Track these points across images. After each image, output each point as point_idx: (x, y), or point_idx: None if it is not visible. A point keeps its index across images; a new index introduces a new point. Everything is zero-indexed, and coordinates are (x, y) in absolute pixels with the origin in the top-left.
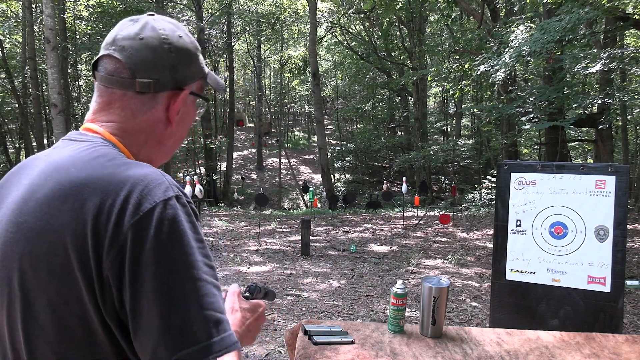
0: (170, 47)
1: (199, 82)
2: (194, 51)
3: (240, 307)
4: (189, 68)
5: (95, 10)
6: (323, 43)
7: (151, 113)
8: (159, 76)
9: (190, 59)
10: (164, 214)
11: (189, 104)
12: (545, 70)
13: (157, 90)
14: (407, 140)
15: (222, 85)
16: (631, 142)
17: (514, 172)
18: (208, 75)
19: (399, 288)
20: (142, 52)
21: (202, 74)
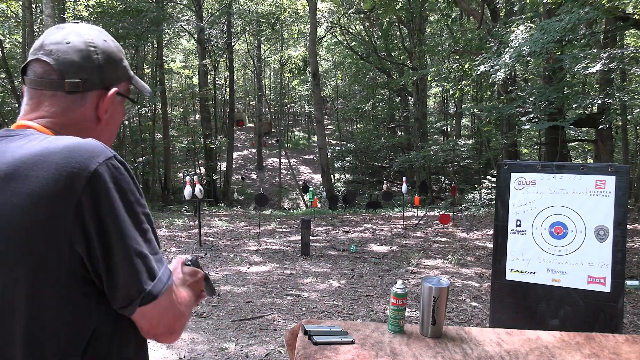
0: (96, 49)
1: (126, 84)
2: (118, 54)
3: (181, 270)
4: (115, 69)
5: (95, 10)
6: (323, 43)
7: (81, 111)
8: (87, 76)
9: (116, 61)
10: (110, 171)
11: (116, 104)
12: (545, 70)
13: (85, 90)
14: (407, 140)
15: (147, 89)
16: (631, 142)
17: (514, 172)
18: (133, 79)
19: (399, 288)
20: (69, 54)
21: (127, 76)
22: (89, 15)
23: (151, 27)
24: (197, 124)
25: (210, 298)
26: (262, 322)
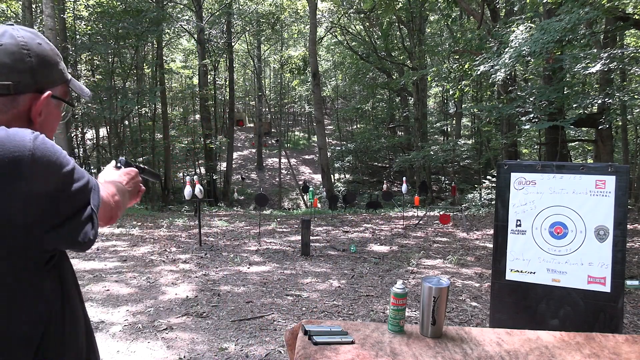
0: (29, 52)
1: (62, 87)
2: (54, 57)
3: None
4: (50, 73)
5: (95, 10)
6: (323, 43)
7: (12, 113)
8: (19, 79)
9: (50, 64)
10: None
11: (52, 107)
12: (545, 70)
13: (17, 92)
14: (407, 140)
15: (85, 92)
16: (631, 142)
17: (514, 172)
18: (71, 82)
19: (399, 288)
20: (0, 57)
21: (63, 79)
22: (89, 15)
23: (151, 27)
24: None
25: (210, 298)
26: (262, 322)
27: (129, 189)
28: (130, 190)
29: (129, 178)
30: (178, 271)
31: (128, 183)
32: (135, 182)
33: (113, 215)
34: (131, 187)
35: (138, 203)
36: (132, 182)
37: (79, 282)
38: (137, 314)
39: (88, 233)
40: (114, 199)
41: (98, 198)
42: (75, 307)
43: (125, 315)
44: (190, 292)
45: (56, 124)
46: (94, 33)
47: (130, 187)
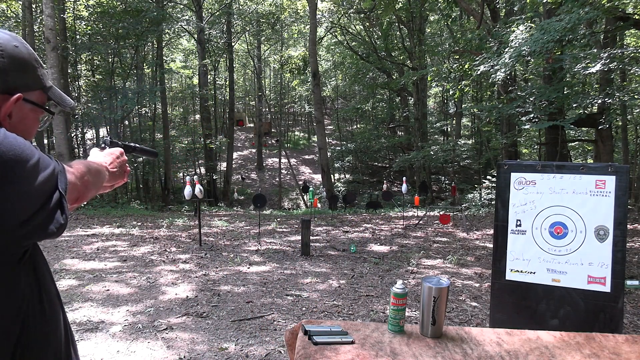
0: (2, 52)
1: (39, 94)
2: (30, 61)
3: (98, 155)
4: (23, 76)
5: (95, 10)
6: (323, 43)
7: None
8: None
9: (25, 67)
10: (3, 139)
11: (26, 111)
12: (545, 70)
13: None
14: (407, 140)
15: (67, 101)
16: (631, 142)
17: (514, 172)
18: (51, 89)
19: (399, 288)
20: None
21: (40, 85)
22: (89, 15)
23: (151, 27)
24: (197, 124)
25: (210, 298)
26: (262, 322)
27: (113, 169)
28: (114, 171)
29: (112, 158)
30: (178, 271)
31: (112, 163)
32: (121, 162)
33: (80, 197)
34: (115, 167)
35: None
36: (116, 162)
37: (80, 282)
38: (137, 314)
39: (59, 219)
40: (83, 179)
41: (65, 180)
42: (53, 302)
43: (125, 315)
44: (190, 292)
45: (33, 129)
46: (94, 33)
47: (115, 168)
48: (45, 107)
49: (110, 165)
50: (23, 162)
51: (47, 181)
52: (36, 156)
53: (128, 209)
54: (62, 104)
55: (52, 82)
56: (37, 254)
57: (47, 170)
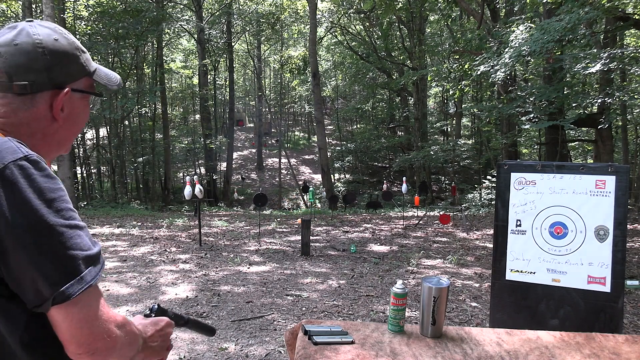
0: (44, 50)
1: (86, 80)
2: (72, 52)
3: (140, 323)
4: (68, 68)
5: (95, 10)
6: (323, 43)
7: (32, 112)
8: (35, 78)
9: (68, 59)
10: (14, 172)
11: (75, 101)
12: (545, 70)
13: (34, 91)
14: (407, 140)
15: (113, 80)
16: (631, 142)
17: (514, 172)
18: (96, 72)
19: (399, 288)
20: (16, 56)
21: (85, 72)
22: (89, 15)
23: (151, 27)
24: (197, 124)
25: (210, 298)
26: (262, 322)
27: (152, 343)
28: (153, 345)
29: (154, 330)
30: (178, 271)
31: (152, 336)
32: (163, 336)
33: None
34: (155, 341)
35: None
36: (157, 335)
37: None
38: (137, 314)
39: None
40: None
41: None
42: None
43: (126, 315)
44: (190, 292)
45: (83, 117)
46: (94, 33)
47: (154, 342)
48: (91, 92)
49: (150, 338)
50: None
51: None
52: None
53: (128, 209)
54: (109, 84)
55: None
56: None
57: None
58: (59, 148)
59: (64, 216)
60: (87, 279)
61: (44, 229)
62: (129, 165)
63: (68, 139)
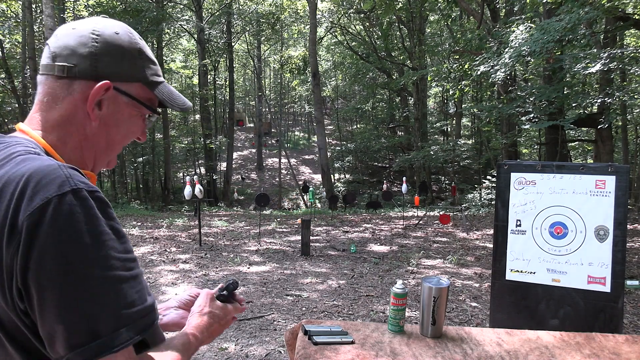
0: (97, 37)
1: (140, 88)
2: (129, 50)
3: (209, 311)
4: (118, 64)
5: (95, 10)
6: (323, 43)
7: (68, 100)
8: (77, 62)
9: (122, 55)
10: (57, 210)
11: (120, 104)
12: (545, 70)
13: (72, 76)
14: (407, 140)
15: (177, 101)
16: (631, 142)
17: (514, 172)
18: (157, 86)
19: (399, 288)
20: (67, 38)
21: (139, 77)
22: (89, 15)
23: (151, 27)
24: (197, 124)
25: None
26: (262, 322)
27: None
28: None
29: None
30: (178, 271)
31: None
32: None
33: None
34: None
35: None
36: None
37: None
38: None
39: None
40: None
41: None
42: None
43: None
44: None
45: (127, 127)
46: None
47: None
48: (144, 103)
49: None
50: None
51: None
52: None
53: (128, 209)
54: (172, 103)
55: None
56: None
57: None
58: (98, 156)
59: (103, 265)
60: (112, 344)
61: (74, 278)
62: (129, 165)
63: (106, 148)
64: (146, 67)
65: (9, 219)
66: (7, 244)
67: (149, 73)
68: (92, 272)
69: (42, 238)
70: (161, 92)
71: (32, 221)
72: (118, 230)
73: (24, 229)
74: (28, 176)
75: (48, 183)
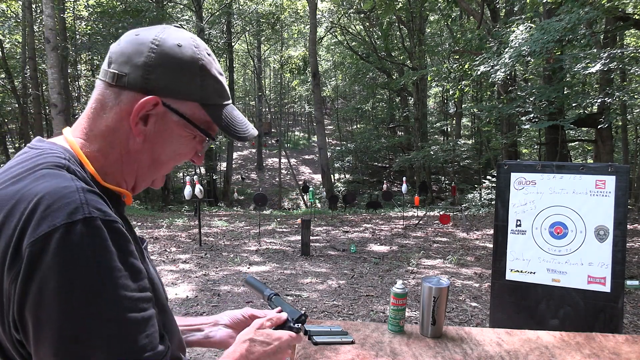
0: (156, 48)
1: (195, 107)
2: (189, 66)
3: (250, 338)
4: (172, 79)
5: (95, 10)
6: (323, 43)
7: (115, 110)
8: (129, 71)
9: (179, 70)
10: (63, 240)
11: (169, 122)
12: (545, 70)
13: (121, 85)
14: (407, 140)
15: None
16: (631, 142)
17: (514, 172)
18: (220, 108)
19: (399, 288)
20: (127, 44)
21: (195, 96)
22: (89, 15)
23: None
24: None
25: (210, 298)
26: None
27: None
28: None
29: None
30: (178, 271)
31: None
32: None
33: None
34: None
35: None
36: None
37: None
38: None
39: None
40: None
41: None
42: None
43: None
44: (190, 292)
45: (175, 148)
46: (94, 33)
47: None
48: (198, 125)
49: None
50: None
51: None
52: (121, 280)
53: (128, 209)
54: (228, 130)
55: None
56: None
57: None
58: (141, 174)
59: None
60: None
61: (75, 317)
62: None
63: (150, 166)
64: (206, 86)
65: (13, 241)
66: (9, 268)
67: (209, 93)
68: (96, 312)
69: (43, 269)
70: (218, 116)
71: (35, 249)
72: (133, 266)
73: (25, 256)
74: (40, 197)
75: (59, 208)
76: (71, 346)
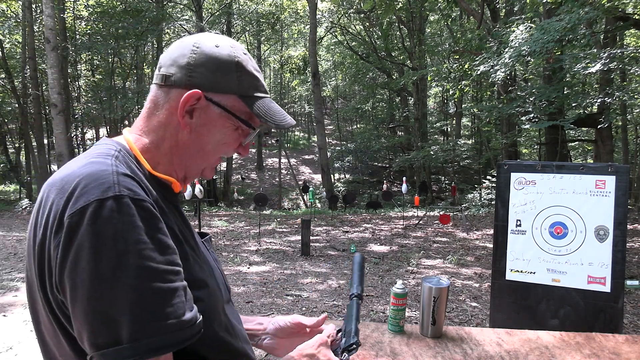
0: (197, 48)
1: (235, 100)
2: (226, 63)
3: (312, 354)
4: (212, 75)
5: (95, 10)
6: (323, 43)
7: (166, 107)
8: (175, 72)
9: (217, 67)
10: (96, 214)
11: (212, 114)
12: (545, 70)
13: (169, 84)
14: (407, 140)
15: (276, 116)
16: (631, 142)
17: (514, 172)
18: (254, 100)
19: (399, 288)
20: (173, 49)
21: (234, 89)
22: (89, 15)
23: (151, 26)
24: None
25: None
26: None
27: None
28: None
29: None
30: None
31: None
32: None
33: None
34: None
35: None
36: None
37: None
38: None
39: None
40: None
41: (153, 349)
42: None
43: None
44: None
45: (218, 139)
46: (94, 33)
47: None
48: (237, 116)
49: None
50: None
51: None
52: (149, 262)
53: None
54: (266, 118)
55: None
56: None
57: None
58: (189, 163)
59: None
60: (135, 352)
61: (103, 282)
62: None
63: (197, 156)
64: (243, 80)
65: (59, 213)
66: (54, 235)
67: (246, 87)
68: (122, 278)
69: (79, 239)
70: (257, 106)
71: (73, 221)
72: (161, 241)
73: (65, 226)
74: (81, 178)
75: (94, 187)
76: (97, 308)
